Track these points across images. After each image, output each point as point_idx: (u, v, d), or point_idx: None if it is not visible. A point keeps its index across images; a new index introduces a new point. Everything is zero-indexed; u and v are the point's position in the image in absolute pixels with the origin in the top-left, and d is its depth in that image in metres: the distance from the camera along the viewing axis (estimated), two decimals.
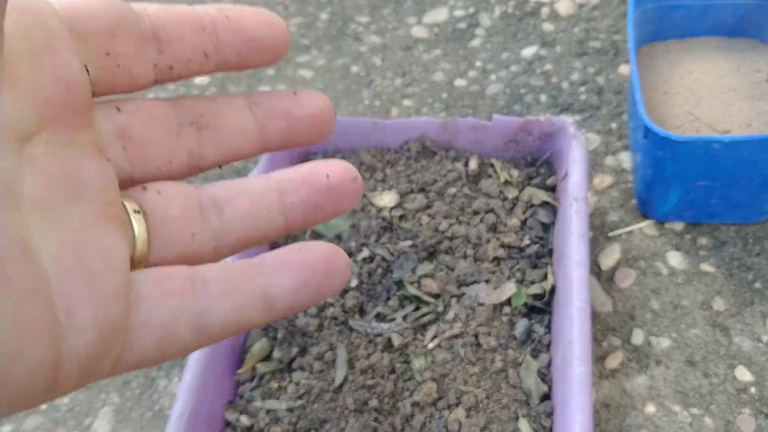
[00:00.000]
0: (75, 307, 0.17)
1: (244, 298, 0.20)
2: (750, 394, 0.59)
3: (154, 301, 0.19)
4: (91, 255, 0.18)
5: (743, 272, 0.66)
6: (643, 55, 0.75)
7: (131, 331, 0.19)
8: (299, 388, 0.57)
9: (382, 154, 0.72)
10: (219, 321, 0.20)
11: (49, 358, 0.16)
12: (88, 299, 0.17)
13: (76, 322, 0.17)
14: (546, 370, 0.57)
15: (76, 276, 0.17)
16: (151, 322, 0.19)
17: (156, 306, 0.19)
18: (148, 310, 0.19)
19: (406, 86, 0.89)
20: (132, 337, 0.19)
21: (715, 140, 0.58)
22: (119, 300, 0.18)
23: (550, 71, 0.86)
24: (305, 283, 0.20)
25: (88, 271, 0.18)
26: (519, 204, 0.66)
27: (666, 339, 0.63)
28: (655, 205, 0.68)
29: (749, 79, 0.70)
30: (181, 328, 0.19)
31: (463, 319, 0.59)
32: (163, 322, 0.19)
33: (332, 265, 0.21)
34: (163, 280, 0.19)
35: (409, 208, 0.67)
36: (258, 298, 0.20)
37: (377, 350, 0.58)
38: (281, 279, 0.20)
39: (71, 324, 0.17)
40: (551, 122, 0.67)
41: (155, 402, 0.66)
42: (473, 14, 0.96)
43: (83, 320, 0.17)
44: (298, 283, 0.20)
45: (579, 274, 0.55)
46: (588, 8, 0.92)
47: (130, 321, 0.19)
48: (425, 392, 0.55)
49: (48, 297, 0.17)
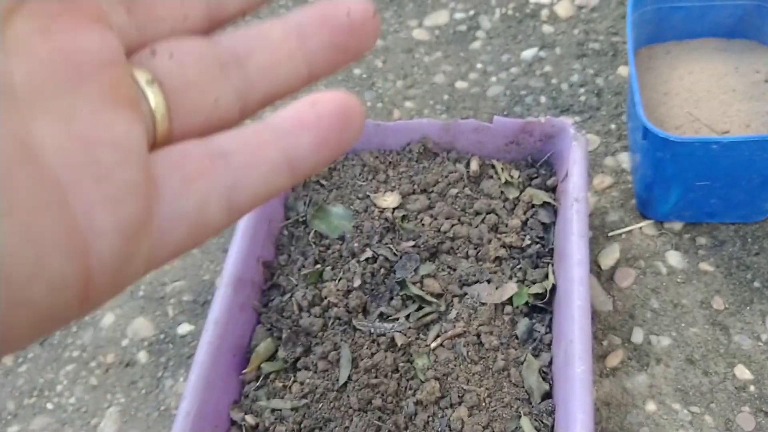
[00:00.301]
0: (91, 210, 0.15)
1: (269, 165, 0.19)
2: (749, 392, 0.60)
3: (179, 188, 0.17)
4: (102, 147, 0.16)
5: (742, 271, 0.67)
6: (642, 57, 0.75)
7: (159, 225, 0.17)
8: (304, 387, 0.58)
9: (384, 156, 0.73)
10: (248, 194, 0.18)
11: (72, 270, 0.15)
12: (104, 199, 0.16)
13: (95, 227, 0.15)
14: (547, 368, 0.57)
15: (88, 174, 0.15)
16: (178, 211, 0.17)
17: (181, 193, 0.17)
18: (174, 198, 0.17)
19: (407, 88, 0.89)
20: (161, 231, 0.17)
21: (715, 141, 0.59)
22: (139, 195, 0.16)
23: (549, 73, 0.87)
24: (325, 141, 0.19)
25: (101, 166, 0.16)
26: (520, 204, 0.67)
27: (666, 338, 0.64)
28: (654, 205, 0.69)
29: (748, 79, 0.71)
30: (212, 210, 0.18)
31: (465, 319, 0.60)
32: (192, 208, 0.18)
33: (348, 116, 0.20)
34: (183, 161, 0.18)
35: (411, 209, 0.68)
36: (282, 163, 0.19)
37: (380, 350, 0.59)
38: (301, 140, 0.19)
39: (91, 230, 0.15)
40: (551, 123, 0.68)
41: (161, 402, 0.67)
42: (473, 17, 0.96)
43: (102, 223, 0.16)
44: (319, 141, 0.19)
45: (579, 274, 0.56)
46: (587, 10, 0.93)
47: (156, 214, 0.17)
48: (428, 391, 0.56)
49: (61, 203, 0.15)
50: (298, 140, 0.19)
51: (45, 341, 0.73)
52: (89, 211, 0.15)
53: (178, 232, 0.18)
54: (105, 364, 0.70)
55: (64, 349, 0.72)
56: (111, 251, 0.16)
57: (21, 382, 0.70)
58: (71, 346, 0.72)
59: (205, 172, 0.18)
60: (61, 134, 0.15)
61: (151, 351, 0.70)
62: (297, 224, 0.70)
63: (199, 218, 0.18)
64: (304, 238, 0.68)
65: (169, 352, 0.70)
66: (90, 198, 0.15)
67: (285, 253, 0.68)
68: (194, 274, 0.76)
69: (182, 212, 0.17)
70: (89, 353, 0.71)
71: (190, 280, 0.75)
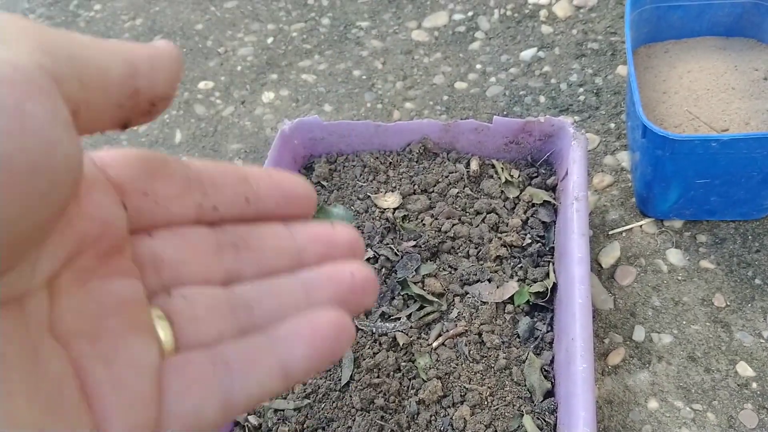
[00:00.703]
0: (109, 414, 0.18)
1: (265, 372, 0.21)
2: (752, 389, 0.60)
3: (181, 391, 0.20)
4: (121, 363, 0.19)
5: (743, 268, 0.67)
6: (641, 56, 0.76)
7: (161, 423, 0.20)
8: (306, 387, 0.58)
9: (384, 157, 0.73)
10: (244, 397, 0.21)
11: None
12: (119, 406, 0.18)
13: (110, 427, 0.18)
14: (549, 367, 0.58)
15: (109, 384, 0.18)
16: (178, 411, 0.19)
17: (182, 396, 0.20)
18: (175, 400, 0.19)
19: (407, 89, 0.90)
20: (160, 425, 0.19)
21: (714, 139, 0.59)
22: (150, 403, 0.19)
23: (549, 73, 0.87)
24: (318, 352, 0.22)
25: (120, 379, 0.19)
26: (520, 204, 0.67)
27: (667, 335, 0.64)
28: (654, 203, 0.69)
29: (747, 77, 0.71)
30: (209, 411, 0.20)
31: (466, 318, 0.60)
32: (191, 409, 0.20)
33: (340, 331, 0.22)
34: (185, 367, 0.20)
35: (412, 209, 0.68)
36: (276, 371, 0.21)
37: (382, 349, 0.59)
38: (295, 351, 0.21)
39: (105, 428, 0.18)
40: (551, 123, 0.68)
41: None
42: (472, 18, 0.96)
43: (116, 427, 0.18)
44: (311, 353, 0.21)
45: (580, 272, 0.56)
46: (585, 10, 0.93)
47: (159, 413, 0.19)
48: (430, 390, 0.56)
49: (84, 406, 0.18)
50: (293, 351, 0.21)
51: None
52: (107, 415, 0.18)
53: (175, 428, 0.20)
54: None
55: None
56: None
57: None
58: None
59: (207, 378, 0.20)
60: (91, 356, 0.18)
61: None
62: None
63: (195, 418, 0.20)
64: None
65: None
66: (108, 403, 0.18)
67: None
68: None
69: (180, 413, 0.20)
70: None
71: None
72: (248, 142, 0.88)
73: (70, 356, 0.18)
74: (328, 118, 0.88)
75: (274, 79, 0.95)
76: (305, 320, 0.22)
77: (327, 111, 0.89)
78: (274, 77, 0.95)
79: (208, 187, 0.22)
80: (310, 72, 0.95)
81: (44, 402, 0.16)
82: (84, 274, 0.19)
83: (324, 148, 0.75)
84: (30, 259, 0.17)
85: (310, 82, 0.93)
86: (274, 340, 0.22)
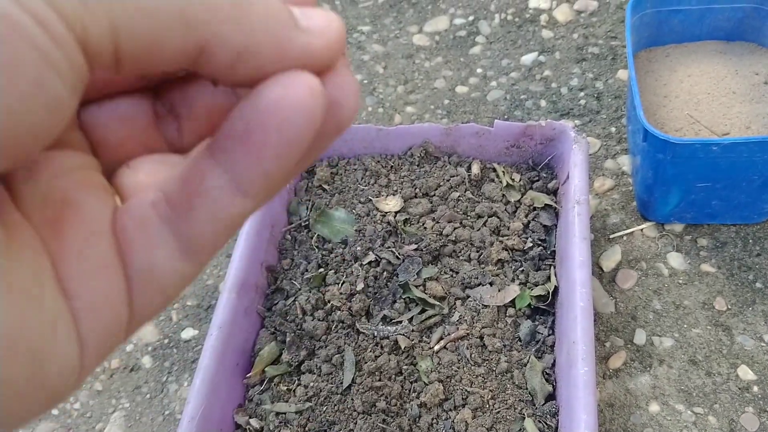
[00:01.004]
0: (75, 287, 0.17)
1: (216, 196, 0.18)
2: (753, 392, 0.60)
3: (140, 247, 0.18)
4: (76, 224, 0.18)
5: (744, 272, 0.67)
6: (641, 60, 0.76)
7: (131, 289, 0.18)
8: (308, 390, 0.58)
9: (386, 160, 0.73)
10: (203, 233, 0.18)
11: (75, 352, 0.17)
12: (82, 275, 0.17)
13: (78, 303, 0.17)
14: (550, 370, 0.58)
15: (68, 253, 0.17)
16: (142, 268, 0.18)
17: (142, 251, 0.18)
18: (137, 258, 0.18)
19: (408, 93, 0.90)
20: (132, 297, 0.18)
21: (715, 142, 0.59)
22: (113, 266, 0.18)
23: (549, 77, 0.87)
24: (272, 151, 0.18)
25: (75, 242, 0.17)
26: (521, 207, 0.67)
27: (668, 339, 0.64)
28: (655, 207, 0.69)
29: (748, 82, 0.71)
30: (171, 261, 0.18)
31: (468, 321, 0.60)
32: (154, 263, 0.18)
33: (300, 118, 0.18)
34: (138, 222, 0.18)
35: (413, 213, 0.68)
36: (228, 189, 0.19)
37: (384, 352, 0.59)
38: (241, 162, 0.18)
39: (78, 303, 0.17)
40: (552, 127, 0.68)
41: (166, 407, 0.67)
42: (473, 22, 0.97)
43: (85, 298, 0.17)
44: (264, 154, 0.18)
45: (581, 276, 0.56)
46: (586, 14, 0.94)
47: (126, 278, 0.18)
48: (432, 393, 0.56)
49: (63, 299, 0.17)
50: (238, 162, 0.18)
51: None
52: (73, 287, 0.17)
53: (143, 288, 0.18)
54: (110, 370, 0.71)
55: None
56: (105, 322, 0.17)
57: None
58: None
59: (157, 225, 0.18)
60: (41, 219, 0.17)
61: (156, 356, 0.71)
62: (300, 228, 0.70)
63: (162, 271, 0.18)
64: (306, 242, 0.68)
65: (173, 357, 0.70)
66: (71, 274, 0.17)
67: (288, 258, 0.68)
68: (198, 279, 0.76)
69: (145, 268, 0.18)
70: None
71: (194, 285, 0.75)
72: None
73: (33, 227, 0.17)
74: None
75: None
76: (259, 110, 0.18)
77: None
78: None
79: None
80: None
81: (22, 294, 0.15)
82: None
83: (325, 152, 0.75)
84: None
85: None
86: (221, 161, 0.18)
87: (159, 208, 0.18)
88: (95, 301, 0.17)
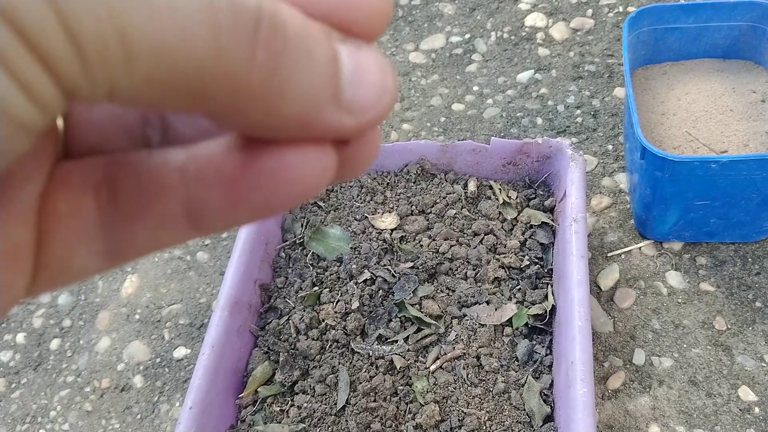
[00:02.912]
0: None
1: (161, 218, 0.17)
2: (754, 414, 0.59)
3: (61, 242, 0.16)
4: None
5: (743, 291, 0.66)
6: (638, 78, 0.76)
7: (37, 277, 0.16)
8: (301, 411, 0.57)
9: (382, 177, 0.72)
10: (133, 246, 0.17)
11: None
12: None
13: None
14: (548, 391, 0.57)
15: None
16: (54, 260, 0.16)
17: (61, 247, 0.16)
18: (52, 249, 0.16)
19: (405, 110, 0.89)
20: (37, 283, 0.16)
21: (714, 160, 0.59)
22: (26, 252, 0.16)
23: (546, 95, 0.87)
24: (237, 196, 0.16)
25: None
26: (518, 225, 0.67)
27: (668, 359, 0.63)
28: (653, 225, 0.68)
29: (745, 99, 0.71)
30: (88, 263, 0.16)
31: (464, 341, 0.59)
32: (69, 259, 0.16)
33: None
34: (70, 209, 0.16)
35: (409, 230, 0.67)
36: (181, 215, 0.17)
37: (379, 372, 0.58)
38: (206, 191, 0.16)
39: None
40: (548, 144, 0.68)
41: (157, 427, 0.65)
42: (469, 40, 0.97)
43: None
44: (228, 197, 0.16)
45: (579, 294, 0.55)
46: (582, 32, 0.94)
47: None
48: (428, 414, 0.55)
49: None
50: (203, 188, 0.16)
51: (39, 366, 0.72)
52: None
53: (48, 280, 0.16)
54: (100, 389, 0.69)
55: (58, 374, 0.71)
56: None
57: (14, 408, 0.69)
58: (66, 371, 0.71)
59: (88, 224, 0.16)
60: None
61: (147, 375, 0.69)
62: (294, 246, 0.69)
63: (73, 271, 0.16)
64: (301, 260, 0.67)
65: (165, 377, 0.69)
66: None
67: (282, 276, 0.67)
68: (191, 297, 0.75)
69: (57, 261, 0.16)
70: (84, 378, 0.70)
71: (186, 303, 0.74)
72: None
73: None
74: None
75: None
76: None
77: None
78: None
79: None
80: None
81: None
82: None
83: None
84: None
85: None
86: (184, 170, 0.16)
87: (101, 199, 0.16)
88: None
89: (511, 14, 0.99)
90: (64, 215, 0.16)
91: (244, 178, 0.15)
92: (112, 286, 0.78)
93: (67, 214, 0.16)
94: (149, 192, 0.16)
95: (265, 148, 0.14)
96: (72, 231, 0.16)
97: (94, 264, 0.17)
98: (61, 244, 0.16)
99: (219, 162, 0.15)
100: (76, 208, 0.16)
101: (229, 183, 0.15)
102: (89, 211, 0.16)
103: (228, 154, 0.15)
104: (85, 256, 0.16)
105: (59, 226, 0.16)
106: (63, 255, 0.16)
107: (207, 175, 0.15)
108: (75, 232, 0.16)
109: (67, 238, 0.16)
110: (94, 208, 0.16)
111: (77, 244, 0.16)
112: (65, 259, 0.16)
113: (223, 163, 0.15)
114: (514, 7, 1.00)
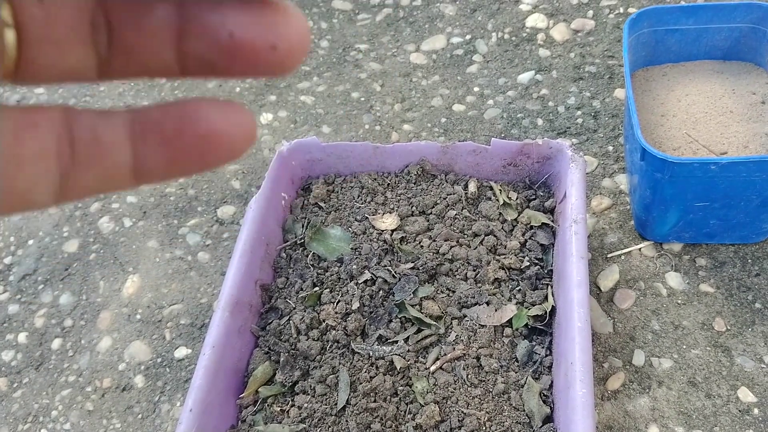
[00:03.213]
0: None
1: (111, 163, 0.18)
2: (753, 415, 0.59)
3: (15, 170, 0.17)
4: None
5: (743, 292, 0.66)
6: (638, 79, 0.76)
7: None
8: (302, 411, 0.57)
9: (382, 178, 0.73)
10: (82, 188, 0.18)
11: None
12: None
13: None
14: (548, 391, 0.57)
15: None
16: (7, 189, 0.17)
17: (15, 175, 0.17)
18: (5, 177, 0.17)
19: (405, 111, 0.90)
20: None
21: (713, 162, 0.59)
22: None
23: (546, 96, 0.87)
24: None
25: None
26: (518, 226, 0.67)
27: (667, 360, 0.63)
28: (653, 226, 0.69)
29: (745, 101, 0.71)
30: (40, 197, 0.17)
31: (464, 341, 0.59)
32: (22, 190, 0.17)
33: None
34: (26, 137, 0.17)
35: (409, 231, 0.68)
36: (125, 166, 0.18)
37: (379, 373, 0.58)
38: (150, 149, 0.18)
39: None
40: (549, 145, 0.68)
41: (158, 427, 0.66)
42: (470, 41, 0.97)
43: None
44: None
45: (579, 295, 0.55)
46: (583, 34, 0.94)
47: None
48: (428, 415, 0.55)
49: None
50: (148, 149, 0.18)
51: (41, 365, 0.72)
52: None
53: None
54: (101, 389, 0.70)
55: (59, 373, 0.71)
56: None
57: (15, 408, 0.70)
58: (67, 370, 0.71)
59: (44, 155, 0.17)
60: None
61: (148, 375, 0.70)
62: (295, 247, 0.69)
63: (23, 200, 0.17)
64: (302, 260, 0.68)
65: (166, 376, 0.69)
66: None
67: (283, 276, 0.67)
68: (192, 297, 0.75)
69: (9, 190, 0.17)
70: (85, 378, 0.71)
71: (187, 303, 0.75)
72: (246, 163, 0.88)
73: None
74: (327, 140, 0.88)
75: (272, 100, 0.95)
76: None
77: (325, 132, 0.89)
78: (273, 98, 0.95)
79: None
80: (309, 93, 0.95)
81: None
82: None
83: (322, 170, 0.74)
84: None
85: (309, 103, 0.93)
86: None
87: (62, 149, 0.17)
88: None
89: (511, 15, 0.99)
90: (30, 155, 0.17)
91: (183, 137, 0.17)
92: (114, 287, 0.78)
93: (32, 155, 0.17)
94: (101, 145, 0.18)
95: (198, 107, 0.17)
96: (34, 173, 0.17)
97: (48, 201, 0.18)
98: (21, 184, 0.17)
99: (161, 122, 0.17)
100: (41, 148, 0.17)
101: (169, 141, 0.17)
102: (52, 153, 0.17)
103: (168, 115, 0.17)
104: (40, 195, 0.17)
105: (23, 167, 0.17)
106: (20, 191, 0.17)
107: (150, 134, 0.17)
108: (36, 174, 0.17)
109: (29, 179, 0.17)
110: (55, 150, 0.17)
111: (36, 185, 0.17)
112: (21, 195, 0.17)
113: (164, 123, 0.17)
114: (515, 8, 1.00)
